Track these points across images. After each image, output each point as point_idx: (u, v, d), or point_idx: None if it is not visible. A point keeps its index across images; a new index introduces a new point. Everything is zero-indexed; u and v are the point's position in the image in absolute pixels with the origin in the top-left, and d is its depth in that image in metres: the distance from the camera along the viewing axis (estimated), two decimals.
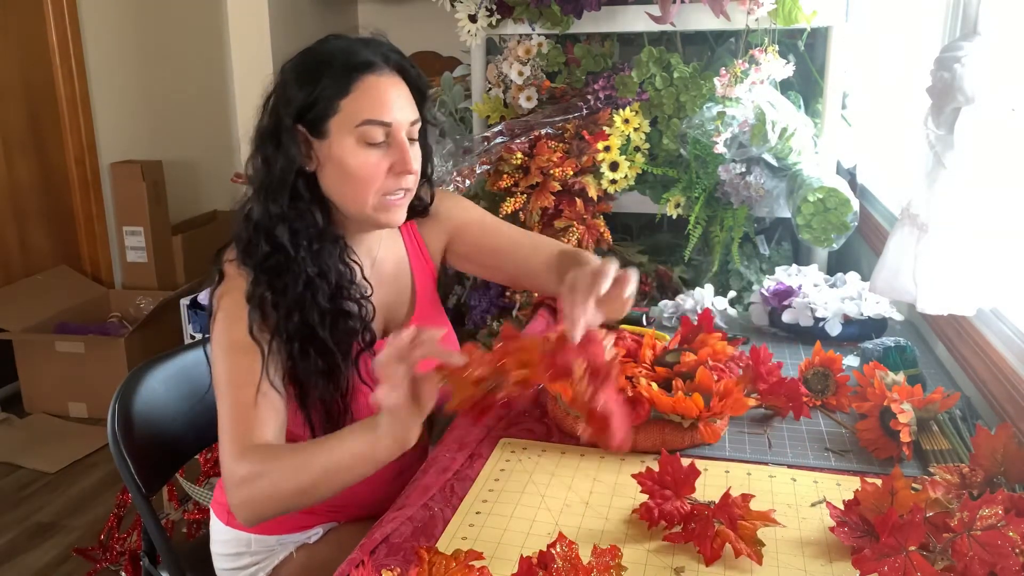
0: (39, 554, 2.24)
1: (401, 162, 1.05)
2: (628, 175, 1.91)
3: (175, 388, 1.34)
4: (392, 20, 3.24)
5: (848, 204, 1.62)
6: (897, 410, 1.03)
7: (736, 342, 1.42)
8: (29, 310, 3.07)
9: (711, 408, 1.06)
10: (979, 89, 0.95)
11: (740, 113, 1.73)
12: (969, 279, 1.04)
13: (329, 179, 1.06)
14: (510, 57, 2.04)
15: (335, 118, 1.03)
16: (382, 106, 1.03)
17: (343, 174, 1.04)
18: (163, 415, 1.32)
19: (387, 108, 1.03)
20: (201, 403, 1.36)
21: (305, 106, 1.03)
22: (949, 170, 1.02)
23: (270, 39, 2.64)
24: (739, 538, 0.85)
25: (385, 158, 1.05)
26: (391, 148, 1.05)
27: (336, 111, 1.02)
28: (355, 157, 1.03)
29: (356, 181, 1.05)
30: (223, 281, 1.06)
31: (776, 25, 1.77)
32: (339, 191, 1.07)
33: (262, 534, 1.18)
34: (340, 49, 1.04)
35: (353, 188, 1.05)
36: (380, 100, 1.03)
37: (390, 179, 1.06)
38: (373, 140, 1.04)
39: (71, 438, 2.86)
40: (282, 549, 1.19)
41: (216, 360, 1.02)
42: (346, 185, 1.05)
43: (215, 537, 1.23)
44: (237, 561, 1.20)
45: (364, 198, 1.06)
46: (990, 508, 0.76)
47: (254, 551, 1.19)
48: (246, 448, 0.95)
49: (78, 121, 3.37)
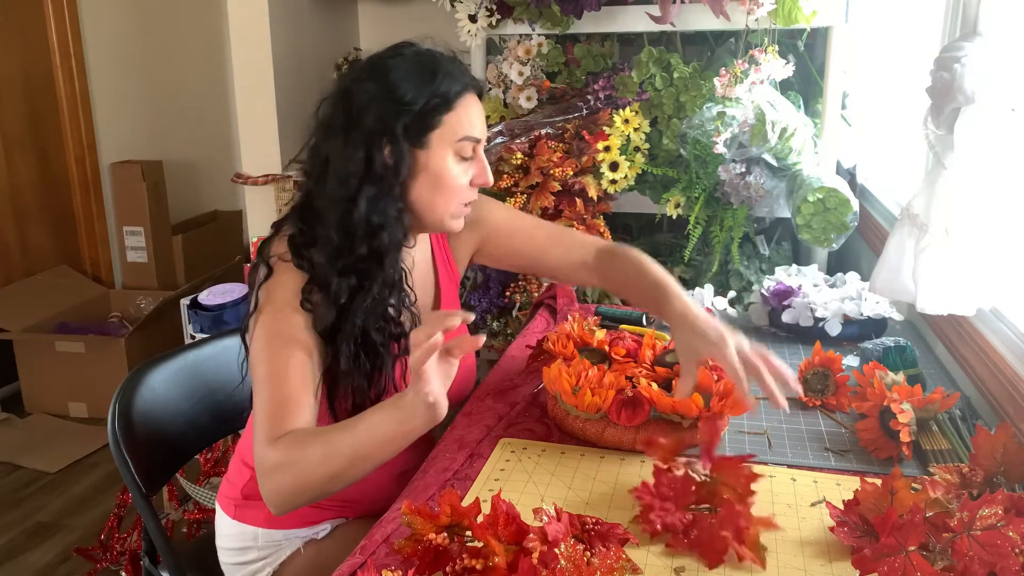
0: (39, 554, 2.24)
1: (483, 175, 1.13)
2: (628, 175, 1.91)
3: (175, 388, 1.35)
4: (392, 20, 3.24)
5: (848, 204, 1.62)
6: (897, 410, 1.03)
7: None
8: (29, 310, 3.07)
9: (711, 408, 1.06)
10: (979, 89, 0.96)
11: (740, 113, 1.73)
12: (969, 279, 1.04)
13: (420, 187, 1.10)
14: (510, 57, 2.04)
15: (437, 131, 1.07)
16: (475, 123, 1.10)
17: (437, 184, 1.09)
18: (163, 415, 1.32)
19: (477, 125, 1.11)
20: (201, 403, 1.36)
21: (411, 116, 1.06)
22: (949, 170, 1.02)
23: (270, 39, 2.63)
24: (742, 544, 0.85)
25: (468, 171, 1.12)
26: (474, 162, 1.12)
27: (439, 125, 1.07)
28: (451, 169, 1.09)
29: (448, 191, 1.10)
30: (272, 275, 1.06)
31: (776, 25, 1.77)
32: (428, 199, 1.11)
33: (269, 528, 1.18)
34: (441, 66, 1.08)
35: (443, 197, 1.11)
36: (475, 118, 1.10)
37: (470, 191, 1.13)
38: (466, 154, 1.10)
39: (71, 438, 2.86)
40: (289, 544, 1.19)
41: (259, 350, 1.03)
42: (437, 194, 1.10)
43: (221, 532, 1.23)
44: (243, 556, 1.20)
45: (447, 207, 1.12)
46: (990, 508, 0.76)
47: (261, 546, 1.19)
48: (277, 436, 0.97)
49: (78, 121, 3.37)
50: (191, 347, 1.41)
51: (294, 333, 1.02)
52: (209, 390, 1.37)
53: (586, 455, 1.09)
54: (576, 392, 1.10)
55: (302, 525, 1.19)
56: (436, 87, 1.06)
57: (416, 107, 1.05)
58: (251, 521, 1.19)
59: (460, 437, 1.15)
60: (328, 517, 1.20)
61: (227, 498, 1.23)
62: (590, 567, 0.74)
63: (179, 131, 3.50)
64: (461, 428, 1.18)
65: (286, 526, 1.18)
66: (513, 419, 1.20)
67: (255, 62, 2.62)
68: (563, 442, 1.13)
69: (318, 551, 1.18)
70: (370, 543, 0.91)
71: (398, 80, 1.06)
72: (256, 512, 1.19)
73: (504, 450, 1.11)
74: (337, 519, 1.21)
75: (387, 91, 1.06)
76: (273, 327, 1.03)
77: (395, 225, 1.08)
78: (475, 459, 1.09)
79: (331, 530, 1.20)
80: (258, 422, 0.99)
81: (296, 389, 1.00)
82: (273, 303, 1.04)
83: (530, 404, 1.24)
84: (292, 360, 1.01)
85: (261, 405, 1.00)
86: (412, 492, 1.02)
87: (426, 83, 1.06)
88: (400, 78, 1.06)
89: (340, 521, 1.22)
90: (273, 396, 1.00)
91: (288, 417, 0.98)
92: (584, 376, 1.13)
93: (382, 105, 1.05)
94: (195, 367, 1.37)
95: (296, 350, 1.02)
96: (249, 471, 1.19)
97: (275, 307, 1.04)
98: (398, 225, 1.08)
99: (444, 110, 1.07)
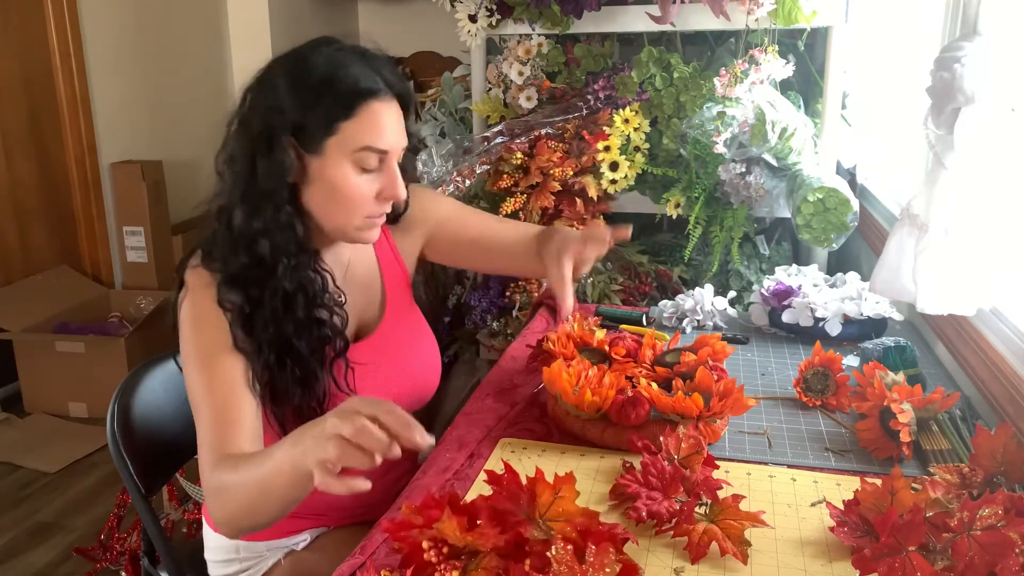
0: (39, 554, 2.24)
1: (390, 188, 1.05)
2: (628, 175, 1.91)
3: (175, 388, 1.34)
4: (392, 20, 3.24)
5: (848, 204, 1.62)
6: (897, 410, 1.03)
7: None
8: (29, 310, 3.07)
9: (711, 408, 1.06)
10: (979, 89, 0.95)
11: (740, 113, 1.73)
12: (969, 279, 1.04)
13: (315, 196, 1.03)
14: (510, 57, 2.04)
15: (333, 138, 1.00)
16: (382, 133, 1.01)
17: (332, 194, 1.02)
18: (163, 415, 1.32)
19: (386, 135, 1.02)
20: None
21: (303, 121, 0.99)
22: (949, 170, 1.02)
23: (270, 39, 2.63)
24: (725, 537, 0.85)
25: (375, 182, 1.04)
26: (381, 174, 1.04)
27: (335, 132, 1.00)
28: (348, 180, 1.02)
29: (345, 203, 1.03)
30: (184, 290, 1.03)
31: (776, 25, 1.77)
32: (324, 209, 1.04)
33: (250, 540, 1.17)
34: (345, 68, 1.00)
35: (342, 209, 1.04)
36: (380, 127, 1.01)
37: (377, 204, 1.05)
38: (368, 166, 1.02)
39: (71, 438, 2.86)
40: (271, 555, 1.18)
41: (189, 370, 0.99)
42: (334, 205, 1.04)
43: (207, 544, 1.23)
44: (227, 568, 1.20)
45: (349, 219, 1.05)
46: (990, 508, 0.76)
47: (243, 557, 1.18)
48: (219, 458, 0.93)
49: (78, 121, 3.37)
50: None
51: (216, 342, 0.98)
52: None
53: (586, 455, 1.09)
54: (576, 392, 1.10)
55: (282, 536, 1.18)
56: (335, 90, 0.99)
57: (310, 111, 0.99)
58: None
59: (460, 437, 1.15)
60: (306, 527, 1.19)
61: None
62: (583, 568, 0.73)
63: (179, 131, 3.50)
64: (461, 428, 1.18)
65: (266, 537, 1.17)
66: (513, 419, 1.20)
67: (255, 62, 2.62)
68: (563, 442, 1.13)
69: (297, 561, 1.17)
70: (370, 543, 0.91)
71: (298, 79, 1.00)
72: None
73: (504, 450, 1.11)
74: (317, 528, 1.20)
75: (286, 90, 1.00)
76: (197, 342, 1.00)
77: (281, 232, 1.01)
78: (475, 459, 1.09)
79: (311, 540, 1.19)
80: (201, 443, 0.96)
81: (229, 400, 0.96)
82: (191, 318, 1.01)
83: (530, 404, 1.24)
84: (218, 368, 0.97)
85: (201, 425, 0.97)
86: (412, 492, 1.01)
87: (325, 85, 0.99)
88: (301, 77, 1.00)
89: (321, 531, 1.20)
90: (209, 415, 0.96)
91: (227, 433, 0.95)
92: (584, 376, 1.13)
93: (276, 106, 1.00)
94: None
95: (223, 359, 0.98)
96: None
97: (193, 321, 1.01)
98: (287, 232, 1.01)
99: (341, 116, 0.99)
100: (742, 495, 0.90)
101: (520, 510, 0.82)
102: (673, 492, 0.92)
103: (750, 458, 1.07)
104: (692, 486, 0.92)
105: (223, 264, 1.01)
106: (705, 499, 0.91)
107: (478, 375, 2.17)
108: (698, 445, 0.98)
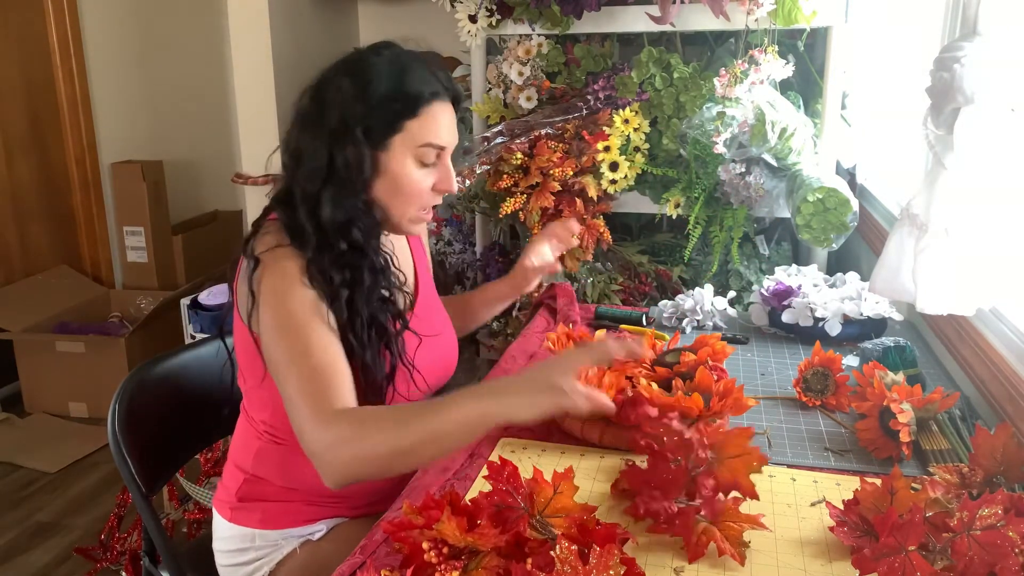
0: (39, 554, 2.24)
1: (446, 182, 1.15)
2: (628, 175, 1.91)
3: (175, 388, 1.35)
4: (392, 20, 3.24)
5: (848, 204, 1.62)
6: (897, 410, 1.03)
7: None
8: (29, 310, 3.07)
9: (711, 408, 1.06)
10: (979, 89, 0.95)
11: (740, 113, 1.73)
12: (969, 279, 1.04)
13: (381, 187, 1.12)
14: (510, 57, 2.04)
15: (398, 136, 1.09)
16: (441, 131, 1.12)
17: (396, 186, 1.12)
18: (163, 415, 1.32)
19: (444, 133, 1.13)
20: (201, 403, 1.36)
21: (371, 119, 1.08)
22: (949, 170, 1.02)
23: (270, 39, 2.63)
24: (724, 538, 0.85)
25: (431, 176, 1.14)
26: (437, 168, 1.14)
27: (400, 130, 1.09)
28: (410, 174, 1.12)
29: (407, 195, 1.13)
30: (262, 266, 1.06)
31: (776, 25, 1.77)
32: (388, 199, 1.13)
33: (266, 529, 1.18)
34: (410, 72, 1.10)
35: (402, 200, 1.13)
36: (440, 126, 1.12)
37: (431, 196, 1.15)
38: (427, 160, 1.12)
39: (71, 438, 2.86)
40: (286, 544, 1.19)
41: (276, 338, 1.03)
42: (396, 196, 1.13)
43: (218, 535, 1.23)
44: (241, 557, 1.20)
45: (407, 210, 1.14)
46: (990, 508, 0.76)
47: (258, 546, 1.19)
48: (333, 412, 0.96)
49: (78, 121, 3.37)
50: (191, 347, 1.41)
51: (307, 310, 1.03)
52: (209, 390, 1.37)
53: (586, 455, 1.10)
54: None
55: (298, 524, 1.19)
56: (402, 92, 1.08)
57: (379, 110, 1.08)
58: (247, 523, 1.19)
59: None
60: (323, 516, 1.20)
61: (222, 502, 1.23)
62: (586, 568, 0.74)
63: (179, 131, 3.50)
64: None
65: (282, 526, 1.18)
66: None
67: (255, 62, 2.62)
68: (563, 442, 1.13)
69: (313, 551, 1.18)
70: (370, 543, 0.91)
71: (367, 81, 1.08)
72: (252, 514, 1.19)
73: (504, 450, 1.11)
74: (333, 519, 1.21)
75: (355, 91, 1.08)
76: (285, 310, 1.03)
77: (364, 216, 1.11)
78: (475, 459, 1.09)
79: (327, 531, 1.20)
80: (299, 406, 0.98)
81: (329, 359, 1.01)
82: (276, 291, 1.05)
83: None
84: (314, 335, 1.02)
85: (296, 387, 0.99)
86: (412, 492, 1.02)
87: (392, 87, 1.08)
88: (369, 79, 1.08)
89: (336, 521, 1.21)
90: (307, 374, 0.99)
91: (330, 390, 0.98)
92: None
93: (348, 105, 1.08)
94: (195, 367, 1.37)
95: (315, 325, 1.03)
96: (242, 475, 1.20)
97: (280, 293, 1.04)
98: (368, 216, 1.11)
99: (407, 116, 1.09)
100: (741, 497, 0.90)
101: (519, 504, 0.83)
102: (675, 493, 0.91)
103: None
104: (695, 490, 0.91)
105: (319, 252, 1.07)
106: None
107: (478, 375, 2.18)
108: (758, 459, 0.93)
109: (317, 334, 1.02)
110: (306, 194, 1.09)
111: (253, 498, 1.19)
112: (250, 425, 1.20)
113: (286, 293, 1.04)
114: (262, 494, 1.18)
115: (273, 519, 1.18)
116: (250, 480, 1.19)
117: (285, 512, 1.18)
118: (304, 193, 1.09)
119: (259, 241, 1.09)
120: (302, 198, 1.09)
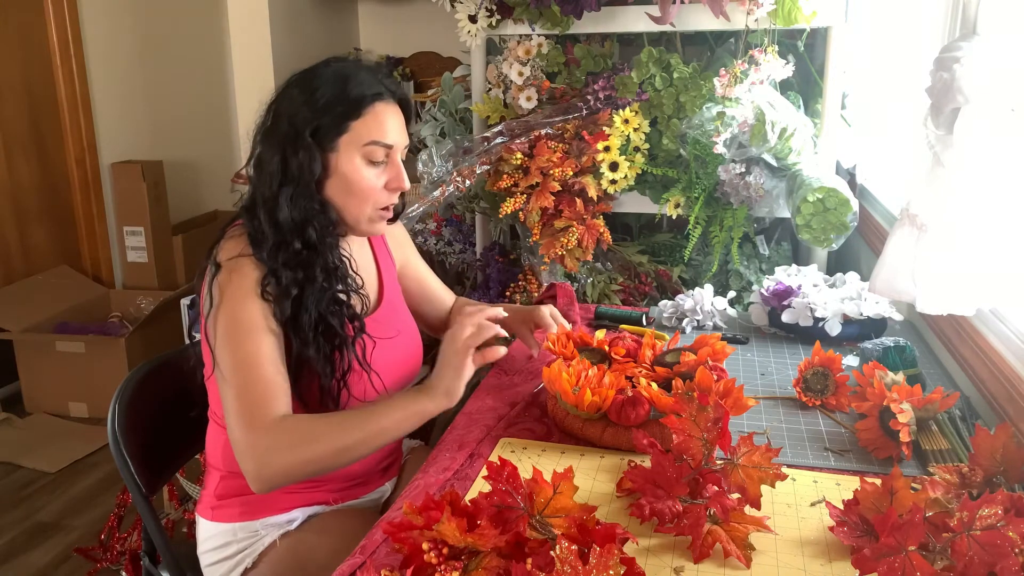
0: (39, 554, 2.24)
1: (397, 180, 1.20)
2: (628, 175, 1.91)
3: (176, 388, 1.34)
4: (392, 20, 3.24)
5: (848, 204, 1.62)
6: (896, 410, 1.03)
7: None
8: (29, 310, 3.07)
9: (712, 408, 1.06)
10: (978, 89, 0.95)
11: (740, 113, 1.73)
12: (969, 279, 1.04)
13: (333, 187, 1.18)
14: (510, 57, 2.04)
15: (345, 136, 1.16)
16: (386, 130, 1.18)
17: (348, 185, 1.18)
18: (163, 415, 1.32)
19: (389, 132, 1.19)
20: (201, 403, 1.36)
21: (319, 123, 1.15)
22: (948, 170, 1.02)
23: (270, 39, 2.64)
24: (730, 539, 0.85)
25: (383, 175, 1.20)
26: (388, 167, 1.20)
27: (346, 130, 1.16)
28: (359, 172, 1.18)
29: (358, 193, 1.18)
30: (224, 272, 1.12)
31: (776, 25, 1.77)
32: (342, 200, 1.19)
33: (244, 520, 1.20)
34: (353, 77, 1.17)
35: (356, 200, 1.19)
36: (385, 124, 1.18)
37: (384, 194, 1.21)
38: (376, 159, 1.18)
39: (71, 438, 2.86)
40: (267, 534, 1.20)
41: (223, 344, 1.09)
42: (350, 196, 1.19)
43: (202, 537, 1.25)
44: (224, 552, 1.21)
45: (363, 209, 1.20)
46: (990, 508, 0.76)
47: (240, 539, 1.21)
48: (268, 420, 1.05)
49: (78, 121, 3.37)
50: (191, 347, 1.40)
51: (257, 321, 1.10)
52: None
53: (586, 455, 1.10)
54: (576, 392, 1.10)
55: (277, 512, 1.21)
56: (345, 95, 1.16)
57: (325, 113, 1.15)
58: (227, 519, 1.21)
59: (460, 437, 1.15)
60: (302, 503, 1.23)
61: (204, 506, 1.26)
62: (586, 568, 0.74)
63: (179, 131, 3.51)
64: (461, 428, 1.18)
65: (262, 515, 1.21)
66: (513, 419, 1.20)
67: (255, 62, 2.63)
68: (563, 442, 1.13)
69: (294, 542, 1.20)
70: (370, 543, 0.91)
71: (314, 88, 1.16)
72: (230, 509, 1.21)
73: (504, 450, 1.11)
74: (310, 506, 1.23)
75: (304, 98, 1.16)
76: (235, 318, 1.09)
77: (319, 217, 1.16)
78: (475, 459, 1.09)
79: (303, 520, 1.22)
80: (235, 410, 1.05)
81: (270, 373, 1.08)
82: (232, 296, 1.10)
83: (530, 404, 1.25)
84: (261, 346, 1.08)
85: (236, 394, 1.06)
86: (412, 492, 1.02)
87: (337, 91, 1.16)
88: (316, 87, 1.16)
89: (315, 510, 1.24)
90: (248, 383, 1.06)
91: (268, 401, 1.06)
92: (584, 376, 1.13)
93: (297, 111, 1.15)
94: (195, 367, 1.37)
95: (263, 337, 1.09)
96: (218, 473, 1.23)
97: (234, 300, 1.10)
98: (323, 217, 1.17)
99: (352, 116, 1.16)
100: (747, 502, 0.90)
101: (519, 505, 0.83)
102: (680, 491, 0.91)
103: None
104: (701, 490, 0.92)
105: (274, 251, 1.13)
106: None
107: (478, 375, 2.17)
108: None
109: (263, 346, 1.08)
110: (265, 198, 1.15)
111: (231, 494, 1.22)
112: (216, 423, 1.23)
113: (240, 302, 1.10)
114: (240, 488, 1.19)
115: (253, 510, 1.21)
116: (226, 477, 1.22)
117: (263, 501, 1.20)
118: (263, 197, 1.15)
119: (223, 248, 1.15)
120: (262, 202, 1.15)
